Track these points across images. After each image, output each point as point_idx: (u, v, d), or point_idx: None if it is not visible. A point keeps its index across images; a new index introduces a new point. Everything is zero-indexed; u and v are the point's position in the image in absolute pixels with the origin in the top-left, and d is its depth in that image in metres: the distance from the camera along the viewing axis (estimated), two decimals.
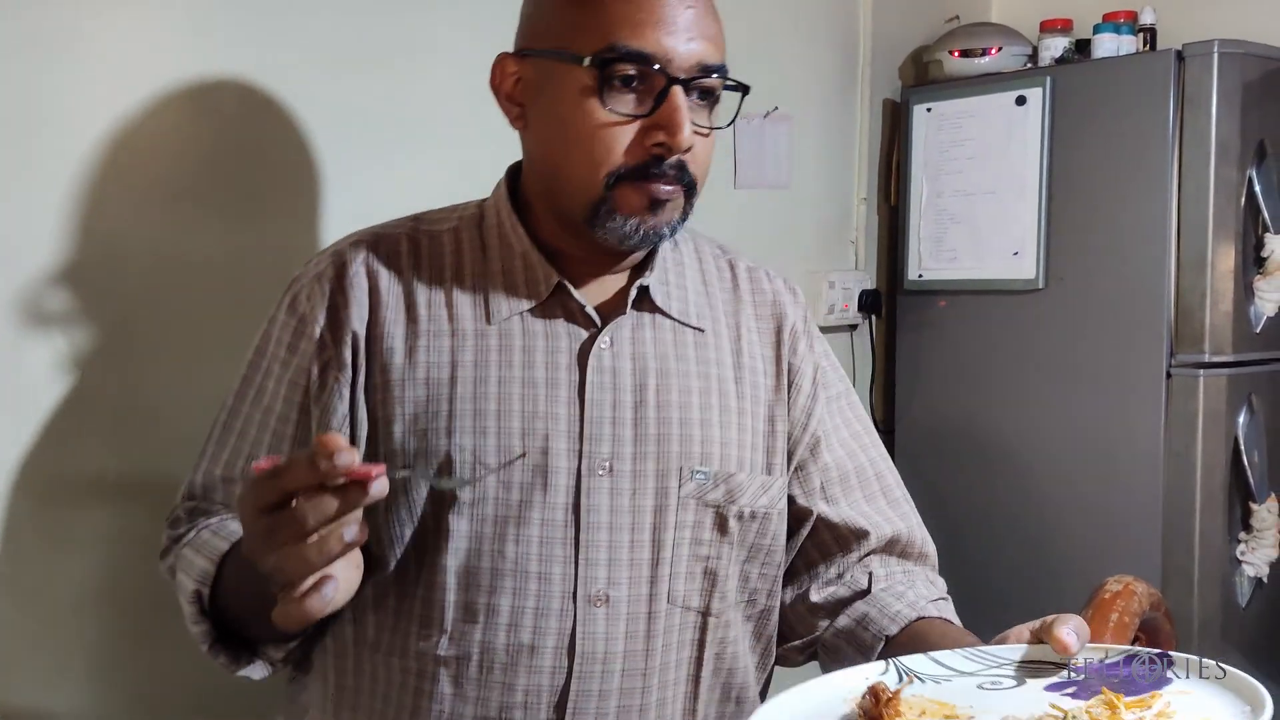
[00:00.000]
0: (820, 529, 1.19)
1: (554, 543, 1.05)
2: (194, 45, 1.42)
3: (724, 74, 1.06)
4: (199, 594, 1.01)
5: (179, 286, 1.42)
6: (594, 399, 1.07)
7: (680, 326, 1.13)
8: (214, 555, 1.01)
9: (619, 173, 1.03)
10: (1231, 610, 2.17)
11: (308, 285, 1.10)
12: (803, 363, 1.19)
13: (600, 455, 1.07)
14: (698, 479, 1.10)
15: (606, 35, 1.01)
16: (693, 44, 1.02)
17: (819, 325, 2.32)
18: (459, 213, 1.16)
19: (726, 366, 1.15)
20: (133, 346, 1.39)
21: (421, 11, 1.60)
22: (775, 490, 1.15)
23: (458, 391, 1.06)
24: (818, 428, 1.19)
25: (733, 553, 1.13)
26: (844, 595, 1.17)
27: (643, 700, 1.09)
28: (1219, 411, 2.12)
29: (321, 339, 1.08)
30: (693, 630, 1.12)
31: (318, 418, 1.07)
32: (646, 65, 1.01)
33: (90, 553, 1.35)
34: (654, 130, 1.01)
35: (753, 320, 1.19)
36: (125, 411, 1.38)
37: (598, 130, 1.02)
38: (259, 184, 1.49)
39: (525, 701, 1.06)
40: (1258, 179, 2.13)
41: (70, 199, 1.33)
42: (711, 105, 1.07)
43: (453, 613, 1.06)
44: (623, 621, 1.07)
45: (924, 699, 0.86)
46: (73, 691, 1.36)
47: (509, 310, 1.08)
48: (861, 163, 2.49)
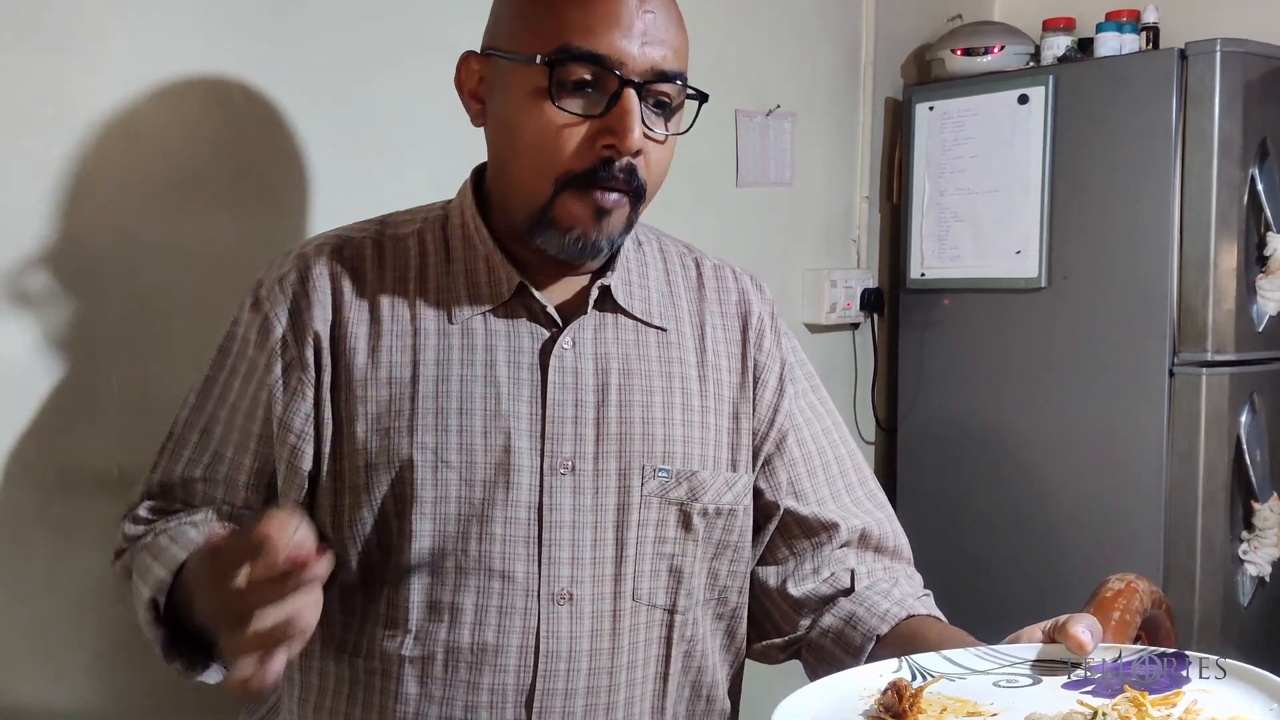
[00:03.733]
0: (789, 523, 1.19)
1: (517, 541, 1.06)
2: (203, 38, 1.42)
3: (682, 80, 1.05)
4: (155, 602, 1.00)
5: (187, 280, 1.43)
6: (555, 399, 1.08)
7: (643, 326, 1.13)
8: (171, 564, 1.00)
9: (566, 178, 1.02)
10: (1233, 609, 2.17)
11: (270, 286, 1.11)
12: (769, 359, 1.19)
13: (562, 454, 1.07)
14: (660, 477, 1.10)
15: (560, 36, 1.01)
16: (648, 49, 1.01)
17: (821, 324, 2.37)
18: (424, 214, 1.16)
19: (690, 365, 1.15)
20: (140, 340, 1.39)
21: (431, 8, 1.60)
22: (740, 487, 1.15)
23: (420, 390, 1.06)
24: (784, 423, 1.19)
25: (698, 550, 1.13)
26: (826, 593, 1.17)
27: (610, 699, 1.09)
28: (1221, 410, 2.12)
29: (284, 340, 1.08)
30: (660, 628, 1.12)
31: (280, 418, 1.08)
32: (599, 67, 1.00)
33: (95, 547, 1.36)
34: (604, 133, 1.01)
35: (718, 318, 1.18)
36: (131, 405, 1.38)
37: (547, 131, 1.02)
38: (267, 177, 1.50)
39: (491, 701, 1.06)
40: (1260, 178, 2.13)
41: (80, 192, 1.33)
42: (669, 113, 1.06)
43: (417, 612, 1.06)
44: (587, 620, 1.07)
45: (943, 696, 0.86)
46: (75, 686, 1.37)
47: (471, 310, 1.09)
48: (864, 161, 2.49)
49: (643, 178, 1.04)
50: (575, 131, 1.01)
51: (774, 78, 2.26)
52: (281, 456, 1.08)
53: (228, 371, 1.14)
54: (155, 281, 1.40)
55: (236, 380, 1.12)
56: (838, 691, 0.88)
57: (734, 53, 2.18)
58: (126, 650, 1.37)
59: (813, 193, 2.38)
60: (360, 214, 1.24)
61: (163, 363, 1.40)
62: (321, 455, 1.07)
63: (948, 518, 2.42)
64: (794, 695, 0.85)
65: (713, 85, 0.99)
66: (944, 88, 2.43)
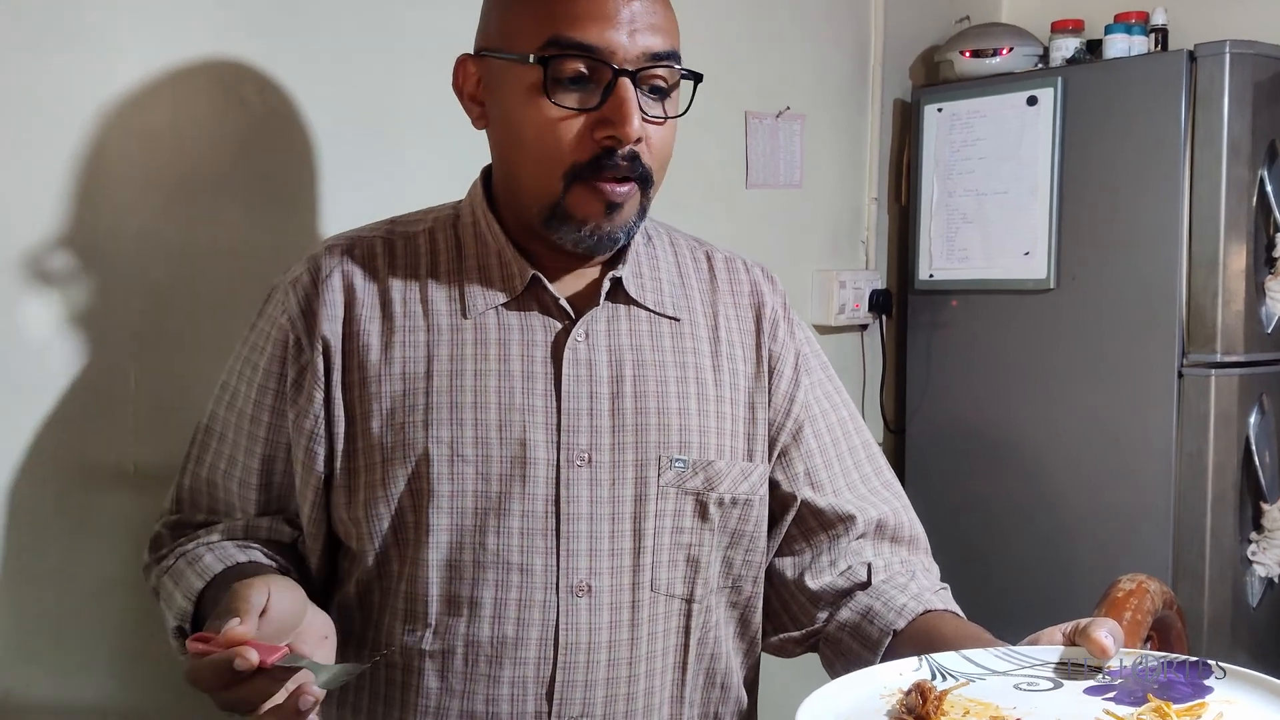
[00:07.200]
0: (806, 515, 1.19)
1: (535, 534, 1.06)
2: (218, 37, 1.43)
3: (675, 61, 1.05)
4: (181, 630, 1.04)
5: (203, 277, 1.43)
6: (570, 391, 1.08)
7: (656, 317, 1.14)
8: (190, 594, 1.04)
9: (573, 171, 1.03)
10: (1242, 610, 2.17)
11: (284, 289, 1.12)
12: (783, 349, 1.19)
13: (578, 446, 1.08)
14: (676, 467, 1.10)
15: (549, 31, 1.01)
16: (638, 35, 1.02)
17: (830, 324, 2.37)
18: (434, 214, 1.17)
19: (704, 355, 1.15)
20: (156, 336, 1.40)
21: (448, 6, 1.61)
22: (756, 477, 1.16)
23: (434, 385, 1.07)
24: (800, 413, 1.19)
25: (714, 539, 1.13)
26: (844, 586, 1.18)
27: (630, 689, 1.09)
28: (1230, 411, 2.12)
29: (297, 343, 1.09)
30: (678, 618, 1.12)
31: (293, 420, 1.09)
32: (591, 58, 1.01)
33: (113, 540, 1.37)
34: (603, 123, 1.02)
35: (731, 309, 1.19)
36: (148, 401, 1.39)
37: (546, 127, 1.02)
38: (282, 175, 1.51)
39: (512, 694, 1.06)
40: (1269, 179, 2.14)
41: (97, 190, 1.34)
42: (666, 94, 1.06)
43: (436, 606, 1.07)
44: (606, 611, 1.08)
45: (965, 698, 0.86)
46: (93, 678, 1.37)
47: (484, 304, 1.09)
48: (873, 162, 2.49)
49: (647, 163, 1.05)
50: (575, 125, 1.02)
51: (783, 80, 2.26)
52: (296, 457, 1.10)
53: (237, 377, 1.15)
54: (172, 278, 1.41)
55: (243, 385, 1.14)
56: (860, 690, 0.88)
57: (744, 55, 2.19)
58: (144, 642, 1.38)
59: (822, 194, 2.38)
60: (375, 210, 1.24)
61: (179, 359, 1.41)
62: (335, 454, 1.08)
63: (956, 519, 2.43)
64: (817, 693, 0.85)
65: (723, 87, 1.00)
66: (953, 89, 2.44)
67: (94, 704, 1.38)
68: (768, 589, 1.21)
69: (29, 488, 1.32)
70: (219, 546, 1.09)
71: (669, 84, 1.06)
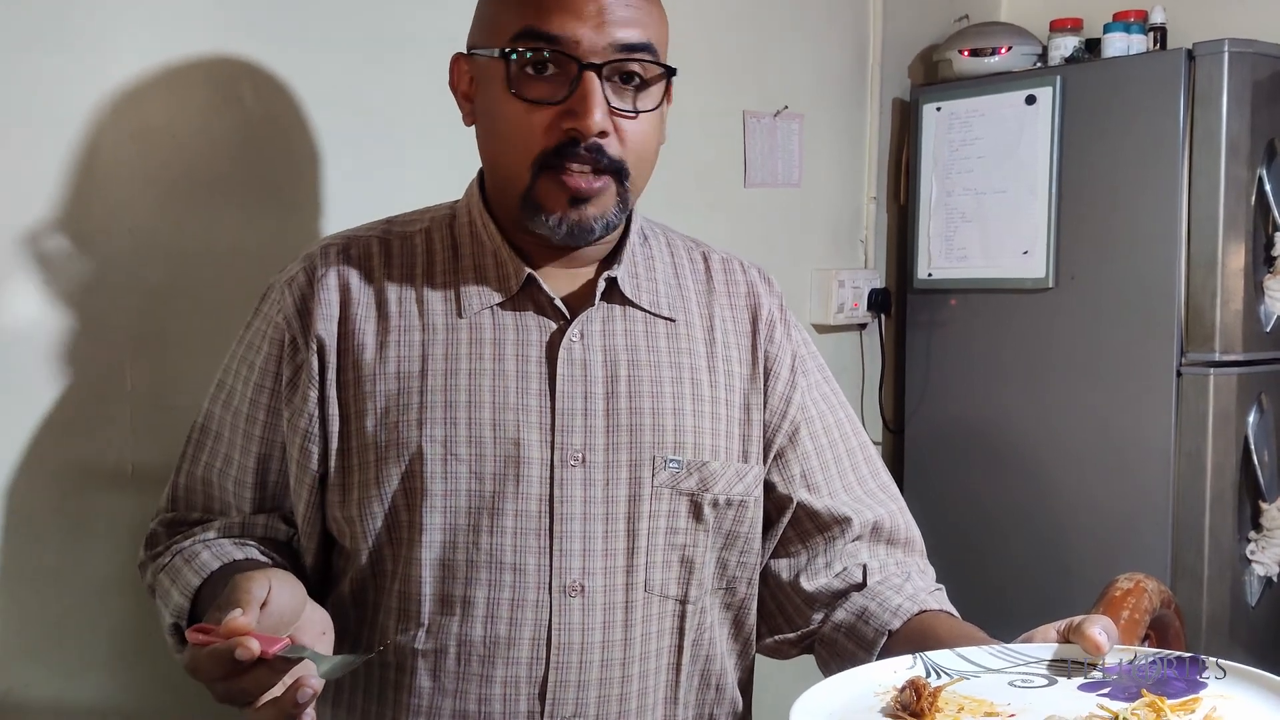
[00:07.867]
0: (802, 517, 1.19)
1: (528, 534, 1.06)
2: (214, 36, 1.43)
3: (649, 54, 1.04)
4: (177, 626, 1.04)
5: (200, 277, 1.43)
6: (565, 391, 1.08)
7: (651, 317, 1.14)
8: (187, 590, 1.04)
9: (540, 159, 1.03)
10: (1240, 609, 2.17)
11: (280, 289, 1.13)
12: (780, 351, 1.19)
13: (572, 446, 1.08)
14: (671, 467, 1.10)
15: (520, 23, 1.02)
16: (607, 27, 1.02)
17: (828, 324, 2.37)
18: (430, 214, 1.18)
19: (699, 356, 1.15)
20: (155, 337, 1.40)
21: (446, 6, 1.61)
22: (751, 478, 1.16)
23: (428, 384, 1.07)
24: (797, 415, 1.19)
25: (709, 540, 1.13)
26: (839, 588, 1.18)
27: (623, 690, 1.09)
28: (1229, 410, 2.12)
29: (293, 342, 1.09)
30: (672, 619, 1.12)
31: (288, 419, 1.09)
32: (555, 49, 1.01)
33: (112, 541, 1.37)
34: (568, 115, 1.02)
35: (727, 310, 1.19)
36: (145, 402, 1.39)
37: (516, 119, 1.03)
38: (281, 175, 1.51)
39: (504, 694, 1.06)
40: (1268, 178, 2.14)
41: (92, 191, 1.34)
42: (644, 88, 1.06)
43: (429, 605, 1.07)
44: (599, 611, 1.08)
45: (959, 695, 0.86)
46: (91, 680, 1.38)
47: (480, 304, 1.10)
48: (871, 162, 2.49)
49: (615, 155, 1.04)
50: (545, 116, 1.03)
51: (782, 79, 2.26)
52: (291, 456, 1.10)
53: (233, 376, 1.15)
54: (168, 278, 1.41)
55: (239, 384, 1.14)
56: (854, 688, 0.88)
57: (742, 54, 2.19)
58: (143, 643, 1.38)
59: (820, 193, 2.38)
60: (372, 211, 1.25)
61: (176, 360, 1.41)
62: (329, 453, 1.08)
63: (955, 518, 2.43)
64: (810, 691, 0.86)
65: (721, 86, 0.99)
66: (951, 88, 2.44)
67: (93, 704, 1.38)
68: (763, 590, 1.21)
69: (26, 488, 1.32)
70: (216, 544, 1.09)
71: (645, 77, 1.05)
